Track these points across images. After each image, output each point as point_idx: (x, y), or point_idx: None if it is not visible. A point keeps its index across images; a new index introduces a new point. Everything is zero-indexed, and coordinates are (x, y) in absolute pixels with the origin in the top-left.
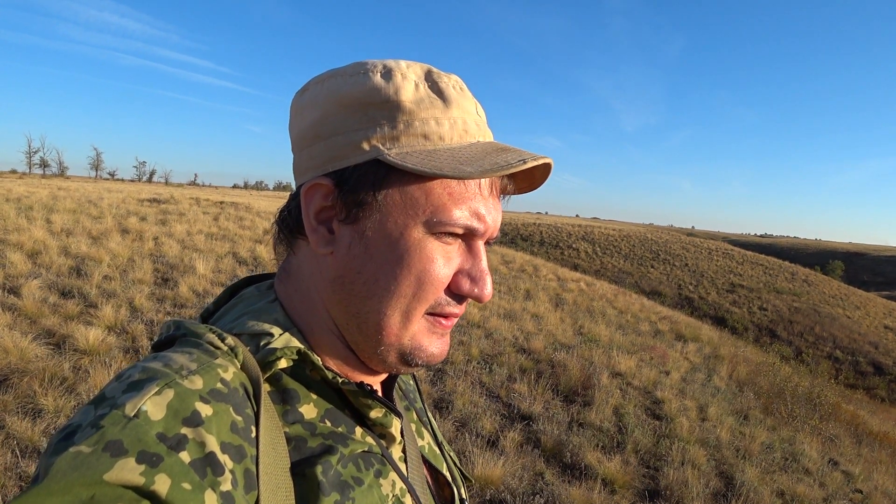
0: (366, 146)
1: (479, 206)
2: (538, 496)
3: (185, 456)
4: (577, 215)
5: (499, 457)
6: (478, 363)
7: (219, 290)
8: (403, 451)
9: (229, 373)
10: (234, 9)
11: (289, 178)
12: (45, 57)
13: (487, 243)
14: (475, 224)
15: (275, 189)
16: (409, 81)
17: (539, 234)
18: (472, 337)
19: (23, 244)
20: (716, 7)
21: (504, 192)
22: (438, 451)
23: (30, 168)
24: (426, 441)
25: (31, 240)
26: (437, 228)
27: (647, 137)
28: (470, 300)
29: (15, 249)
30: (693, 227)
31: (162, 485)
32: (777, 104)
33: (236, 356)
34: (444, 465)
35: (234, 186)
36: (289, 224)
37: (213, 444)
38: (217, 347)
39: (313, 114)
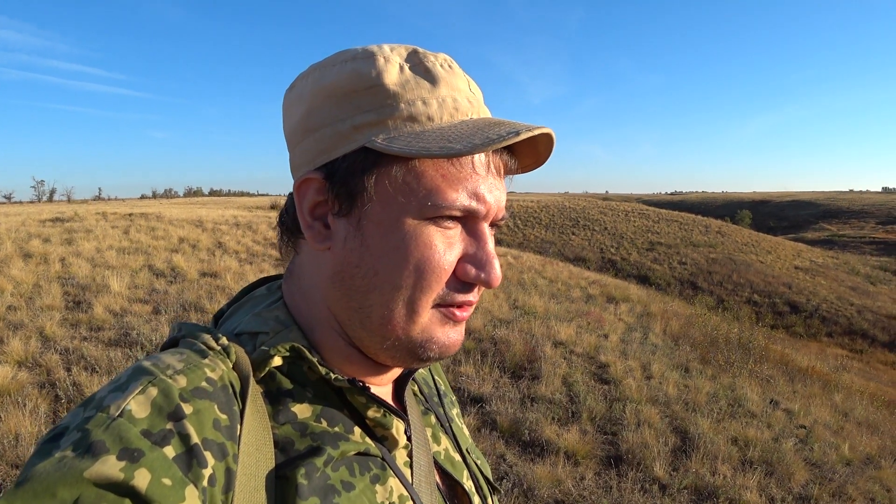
0: (353, 135)
1: (476, 185)
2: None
3: (169, 451)
4: None
5: None
6: None
7: (137, 307)
8: (410, 455)
9: (217, 372)
10: (122, 12)
11: (199, 182)
12: None
13: (495, 225)
14: (474, 205)
15: (185, 196)
16: (392, 64)
17: None
18: None
19: None
20: None
21: (508, 171)
22: (458, 459)
23: None
24: (443, 447)
25: None
26: (434, 213)
27: (556, 108)
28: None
29: None
30: (607, 191)
31: (142, 480)
32: (677, 67)
33: (228, 355)
34: (465, 474)
35: (143, 197)
36: (287, 224)
37: (196, 438)
38: (210, 348)
39: (300, 109)
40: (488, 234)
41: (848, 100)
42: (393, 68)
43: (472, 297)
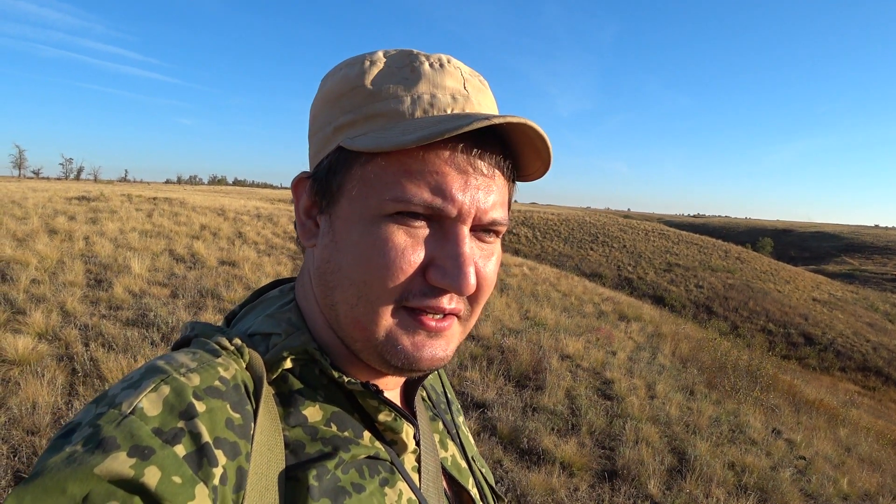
0: (334, 136)
1: (444, 182)
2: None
3: (179, 449)
4: (515, 201)
5: None
6: None
7: (156, 290)
8: (418, 459)
9: (230, 371)
10: None
11: (224, 171)
12: None
13: (489, 231)
14: (438, 203)
15: (209, 183)
16: (375, 66)
17: None
18: None
19: None
20: None
21: (504, 172)
22: (465, 466)
23: None
24: (450, 453)
25: None
26: (394, 209)
27: (584, 122)
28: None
29: None
30: (629, 209)
31: (151, 477)
32: (709, 89)
33: (242, 356)
34: (471, 481)
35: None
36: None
37: (207, 437)
38: (224, 348)
39: (310, 117)
40: (464, 236)
41: (879, 133)
42: (375, 69)
43: (443, 303)
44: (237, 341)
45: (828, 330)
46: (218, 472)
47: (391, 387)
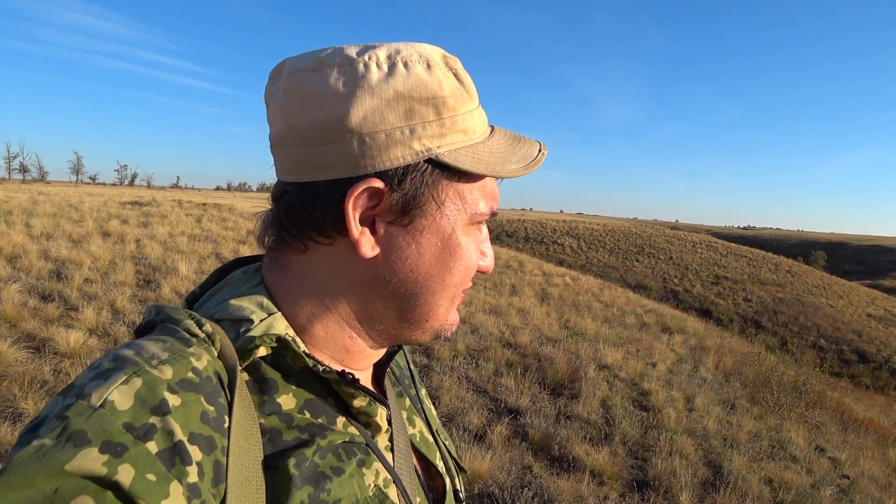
0: (416, 145)
1: (496, 191)
2: (526, 489)
3: (152, 446)
4: (561, 211)
5: (486, 451)
6: (464, 358)
7: None
8: (391, 439)
9: (202, 361)
10: (213, 10)
11: (272, 179)
12: (24, 61)
13: None
14: (496, 207)
15: (258, 190)
16: (443, 72)
17: (524, 229)
18: (457, 332)
19: (1, 248)
20: (696, 2)
21: None
22: (432, 441)
23: (9, 173)
24: (418, 429)
25: (11, 244)
26: (477, 219)
27: (632, 132)
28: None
29: None
30: (677, 220)
31: (125, 475)
32: (759, 98)
33: (213, 343)
34: (437, 455)
35: (217, 188)
36: (296, 220)
37: (180, 434)
38: (193, 335)
39: (343, 104)
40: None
41: None
42: (447, 78)
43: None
44: (207, 327)
45: (883, 347)
46: (193, 469)
47: (362, 368)
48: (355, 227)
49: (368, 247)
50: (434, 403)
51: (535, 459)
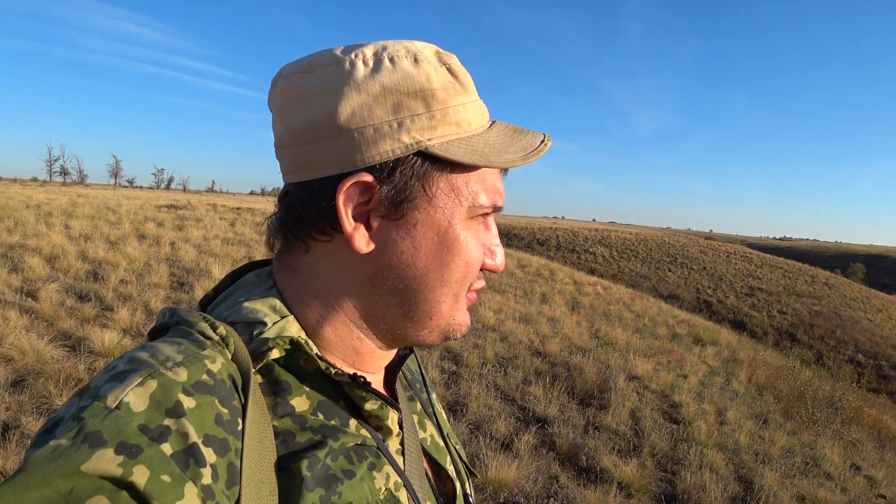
0: (405, 138)
1: (497, 182)
2: (552, 499)
3: (166, 448)
4: (593, 219)
5: (513, 459)
6: (493, 366)
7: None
8: (402, 443)
9: (217, 364)
10: (250, 19)
11: None
12: (66, 67)
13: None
14: (499, 202)
15: None
16: (433, 66)
17: (555, 238)
18: (486, 340)
19: (41, 249)
20: (729, 9)
21: None
22: (442, 444)
23: (50, 176)
24: (429, 433)
25: (50, 245)
26: (476, 212)
27: (665, 140)
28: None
29: (34, 254)
30: (711, 230)
31: (140, 476)
32: (795, 105)
33: (227, 346)
34: (448, 458)
35: (251, 193)
36: (295, 219)
37: (195, 436)
38: (207, 337)
39: (333, 102)
40: (493, 222)
41: None
42: (437, 71)
43: (483, 281)
44: (221, 330)
45: None
46: (207, 471)
47: (374, 371)
48: (348, 222)
49: (363, 242)
50: (462, 410)
51: (562, 469)
